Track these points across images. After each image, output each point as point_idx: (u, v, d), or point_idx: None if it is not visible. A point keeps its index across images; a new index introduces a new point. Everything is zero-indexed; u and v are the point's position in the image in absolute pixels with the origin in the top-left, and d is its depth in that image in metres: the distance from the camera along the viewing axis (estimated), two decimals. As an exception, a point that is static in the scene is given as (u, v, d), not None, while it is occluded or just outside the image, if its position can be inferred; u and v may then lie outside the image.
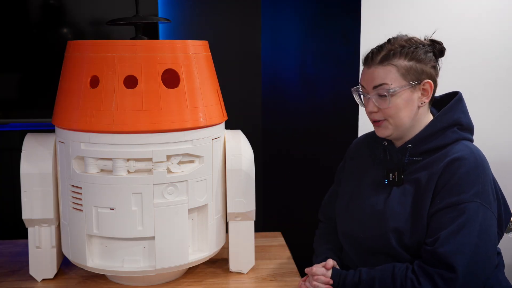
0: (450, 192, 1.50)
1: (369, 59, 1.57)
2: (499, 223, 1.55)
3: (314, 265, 1.65)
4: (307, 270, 1.65)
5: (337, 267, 1.64)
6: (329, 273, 1.60)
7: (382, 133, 1.60)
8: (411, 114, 1.57)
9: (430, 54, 1.57)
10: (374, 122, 1.61)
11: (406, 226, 1.53)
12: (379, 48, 1.57)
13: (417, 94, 1.56)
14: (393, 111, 1.55)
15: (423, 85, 1.56)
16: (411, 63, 1.54)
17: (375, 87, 1.55)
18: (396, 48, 1.54)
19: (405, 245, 1.54)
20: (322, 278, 1.59)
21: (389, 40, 1.59)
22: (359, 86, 1.62)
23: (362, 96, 1.63)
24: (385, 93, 1.53)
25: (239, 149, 1.79)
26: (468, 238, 1.45)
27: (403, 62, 1.53)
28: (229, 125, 1.88)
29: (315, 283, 1.59)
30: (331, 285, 1.59)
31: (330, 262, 1.62)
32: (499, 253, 1.67)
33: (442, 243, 1.45)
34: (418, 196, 1.54)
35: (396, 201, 1.57)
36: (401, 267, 1.51)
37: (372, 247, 1.60)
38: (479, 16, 2.16)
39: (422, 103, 1.57)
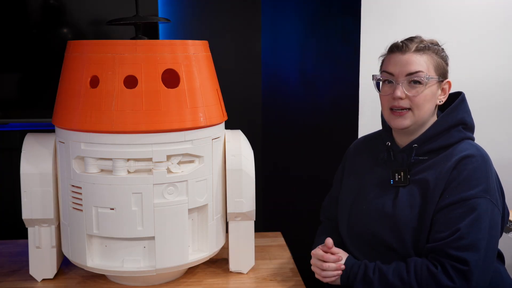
0: (459, 188, 1.50)
1: (403, 46, 1.57)
2: (502, 220, 1.56)
3: (318, 247, 1.63)
4: (313, 252, 1.63)
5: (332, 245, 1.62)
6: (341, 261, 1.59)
7: (402, 123, 1.57)
8: (432, 109, 1.59)
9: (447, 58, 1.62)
10: (396, 111, 1.58)
11: (419, 227, 1.53)
12: (410, 39, 1.58)
13: (439, 91, 1.59)
14: (421, 100, 1.55)
15: (444, 84, 1.60)
16: (440, 61, 1.58)
17: (410, 73, 1.55)
18: (427, 43, 1.57)
19: (419, 246, 1.53)
20: (333, 265, 1.58)
21: (413, 36, 1.60)
22: (381, 73, 1.61)
23: (381, 83, 1.61)
24: (422, 79, 1.53)
25: (239, 149, 1.79)
26: (481, 233, 1.46)
27: (435, 57, 1.57)
28: (229, 125, 1.88)
29: (325, 269, 1.58)
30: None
31: (329, 240, 1.60)
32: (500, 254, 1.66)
33: (457, 239, 1.45)
34: (427, 195, 1.53)
35: (405, 203, 1.55)
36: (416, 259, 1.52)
37: (382, 247, 1.58)
38: (479, 15, 2.16)
39: (439, 101, 1.60)
